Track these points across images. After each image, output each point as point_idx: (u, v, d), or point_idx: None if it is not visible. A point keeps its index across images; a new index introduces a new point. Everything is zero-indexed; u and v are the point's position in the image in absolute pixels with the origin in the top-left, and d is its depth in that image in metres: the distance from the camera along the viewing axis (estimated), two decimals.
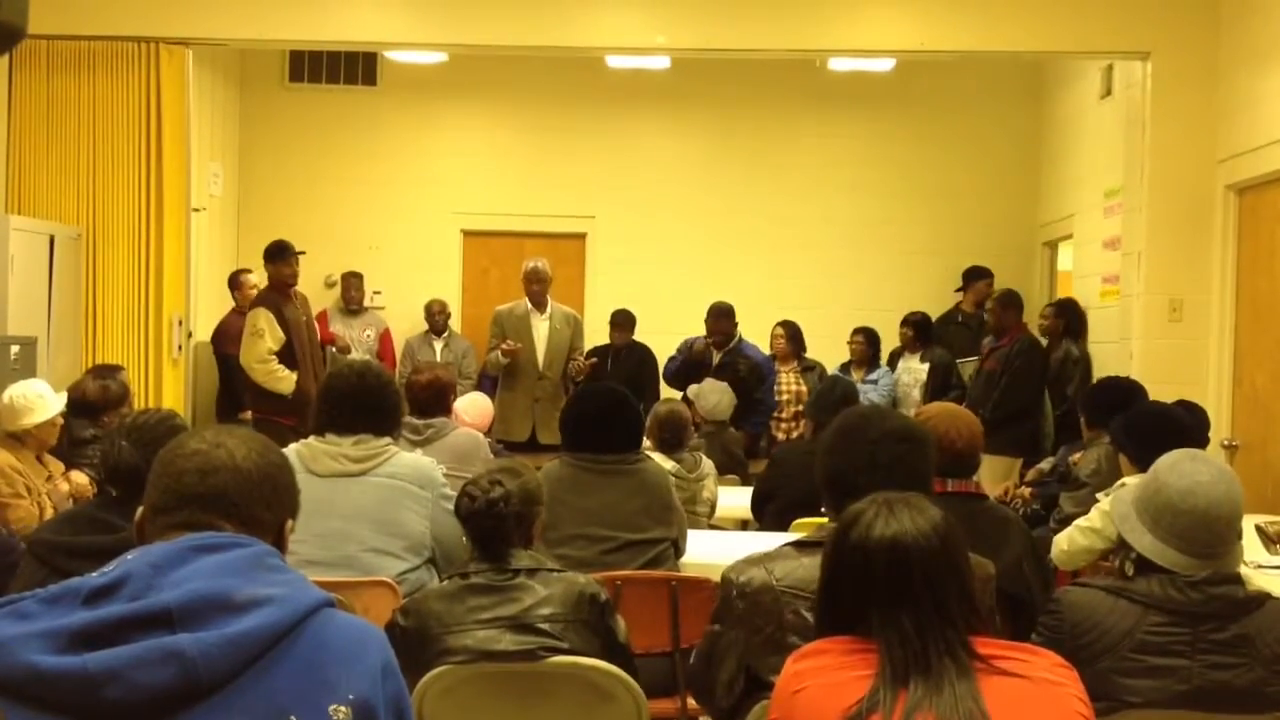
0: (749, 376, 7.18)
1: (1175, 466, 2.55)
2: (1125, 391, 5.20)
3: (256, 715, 1.44)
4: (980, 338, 8.18)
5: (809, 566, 2.36)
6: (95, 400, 5.38)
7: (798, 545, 2.47)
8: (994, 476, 6.53)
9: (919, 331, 8.24)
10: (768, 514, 5.15)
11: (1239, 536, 2.59)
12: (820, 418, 5.30)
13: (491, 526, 2.88)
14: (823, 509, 2.65)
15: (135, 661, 1.40)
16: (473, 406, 5.95)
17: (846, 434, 2.57)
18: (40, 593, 1.47)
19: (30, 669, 1.39)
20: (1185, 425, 4.34)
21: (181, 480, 1.66)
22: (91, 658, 1.40)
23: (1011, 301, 7.60)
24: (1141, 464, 2.71)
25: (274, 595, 1.51)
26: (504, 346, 6.93)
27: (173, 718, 1.42)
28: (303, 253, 6.90)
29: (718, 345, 7.65)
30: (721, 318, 7.71)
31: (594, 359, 7.75)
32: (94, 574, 1.49)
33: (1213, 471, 2.55)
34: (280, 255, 6.74)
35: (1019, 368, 7.30)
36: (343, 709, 1.48)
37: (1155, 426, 4.16)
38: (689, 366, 7.45)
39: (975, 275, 8.75)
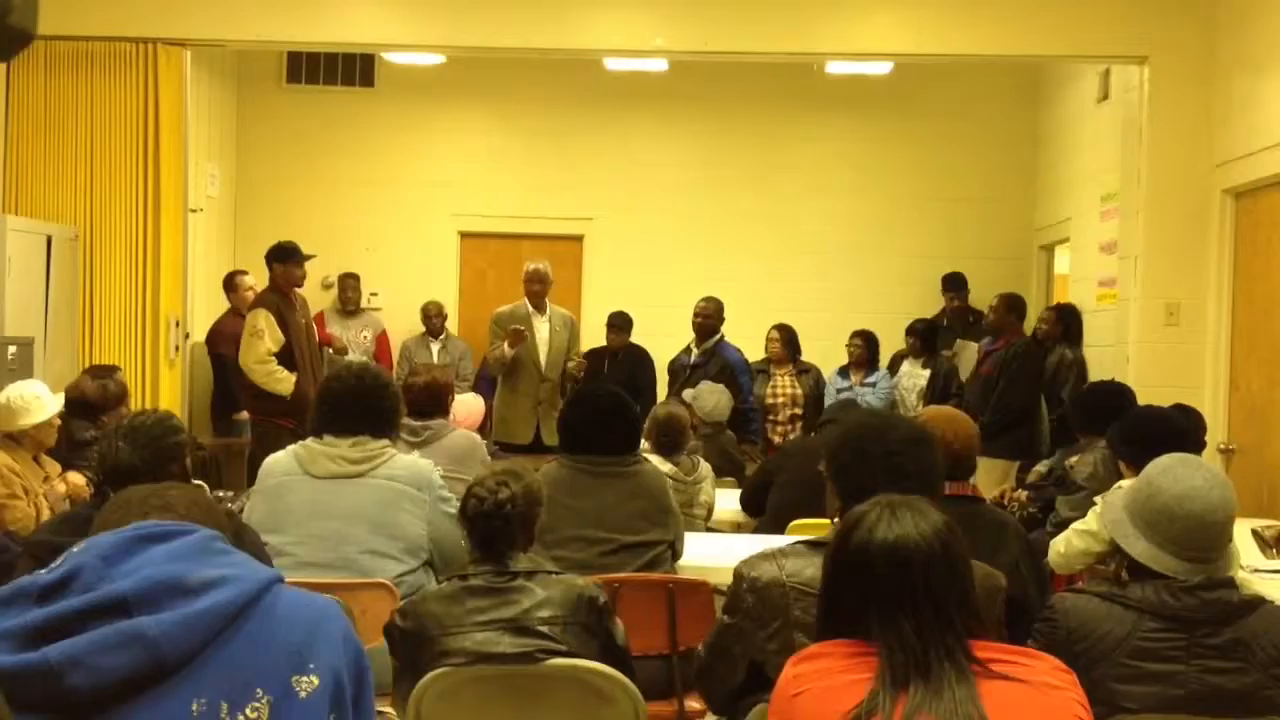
0: (719, 376, 7.18)
1: (1169, 471, 2.56)
2: (1116, 396, 5.21)
3: (221, 689, 1.46)
4: (964, 338, 8.25)
5: (819, 565, 2.36)
6: (95, 400, 5.37)
7: (811, 544, 2.48)
8: (991, 479, 6.54)
9: (924, 340, 8.28)
10: (768, 506, 5.16)
11: (1230, 540, 2.59)
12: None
13: (498, 528, 2.88)
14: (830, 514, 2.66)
15: (97, 647, 1.42)
16: (460, 406, 5.94)
17: (862, 446, 2.57)
18: None
19: None
20: (1183, 428, 4.36)
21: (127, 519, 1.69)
22: (51, 649, 1.40)
23: (1014, 305, 7.62)
24: (1141, 469, 2.71)
25: (226, 575, 1.53)
26: (511, 329, 6.94)
27: (139, 698, 1.43)
28: (313, 256, 6.89)
29: (698, 340, 7.71)
30: (699, 313, 7.74)
31: (583, 358, 7.63)
32: (42, 571, 1.50)
33: (1207, 476, 2.55)
34: (292, 257, 6.71)
35: (1016, 371, 7.31)
36: (305, 679, 1.51)
37: (1154, 431, 4.17)
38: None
39: (958, 284, 8.80)
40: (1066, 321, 7.68)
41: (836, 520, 2.53)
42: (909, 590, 1.84)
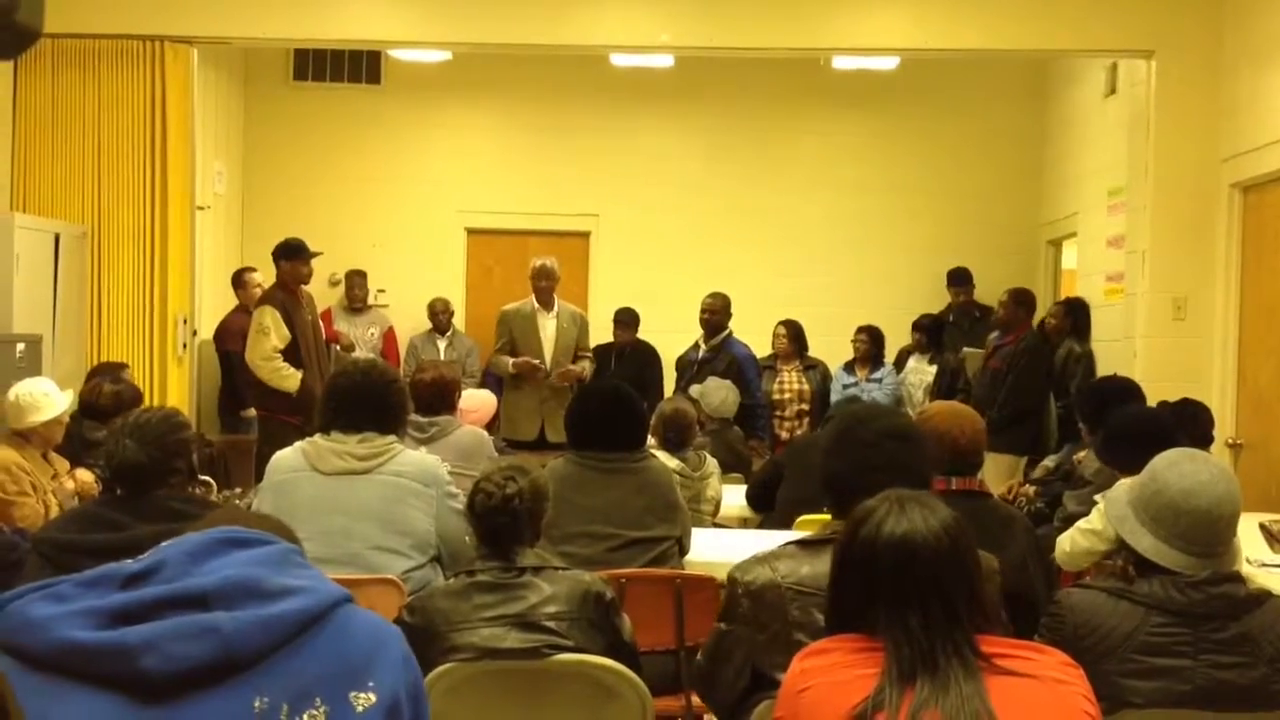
0: (727, 372, 7.18)
1: (1175, 466, 2.55)
2: (1122, 391, 5.17)
3: (285, 694, 1.51)
4: (972, 335, 8.24)
5: (813, 564, 2.38)
6: (108, 406, 5.37)
7: (801, 544, 2.49)
8: (998, 474, 6.54)
9: (930, 335, 8.26)
10: (777, 502, 5.16)
11: (1235, 535, 2.59)
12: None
13: (505, 523, 2.89)
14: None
15: (172, 634, 1.48)
16: (473, 399, 5.95)
17: (841, 436, 2.60)
18: (77, 577, 1.54)
19: (69, 643, 1.45)
20: (1165, 427, 4.27)
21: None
22: (130, 630, 1.47)
23: (1024, 299, 7.61)
24: (1132, 473, 2.70)
25: (303, 586, 1.59)
26: (519, 360, 6.97)
27: (205, 690, 1.48)
28: (320, 253, 6.90)
29: (706, 336, 7.72)
30: (706, 309, 7.74)
31: (585, 361, 7.42)
32: (130, 560, 1.57)
33: (1212, 470, 2.55)
34: (298, 254, 6.71)
35: (1025, 366, 7.30)
36: (363, 697, 1.56)
37: (1135, 435, 4.10)
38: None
39: (964, 279, 8.80)
40: (1075, 315, 7.67)
41: (826, 508, 2.56)
42: (916, 585, 1.84)
